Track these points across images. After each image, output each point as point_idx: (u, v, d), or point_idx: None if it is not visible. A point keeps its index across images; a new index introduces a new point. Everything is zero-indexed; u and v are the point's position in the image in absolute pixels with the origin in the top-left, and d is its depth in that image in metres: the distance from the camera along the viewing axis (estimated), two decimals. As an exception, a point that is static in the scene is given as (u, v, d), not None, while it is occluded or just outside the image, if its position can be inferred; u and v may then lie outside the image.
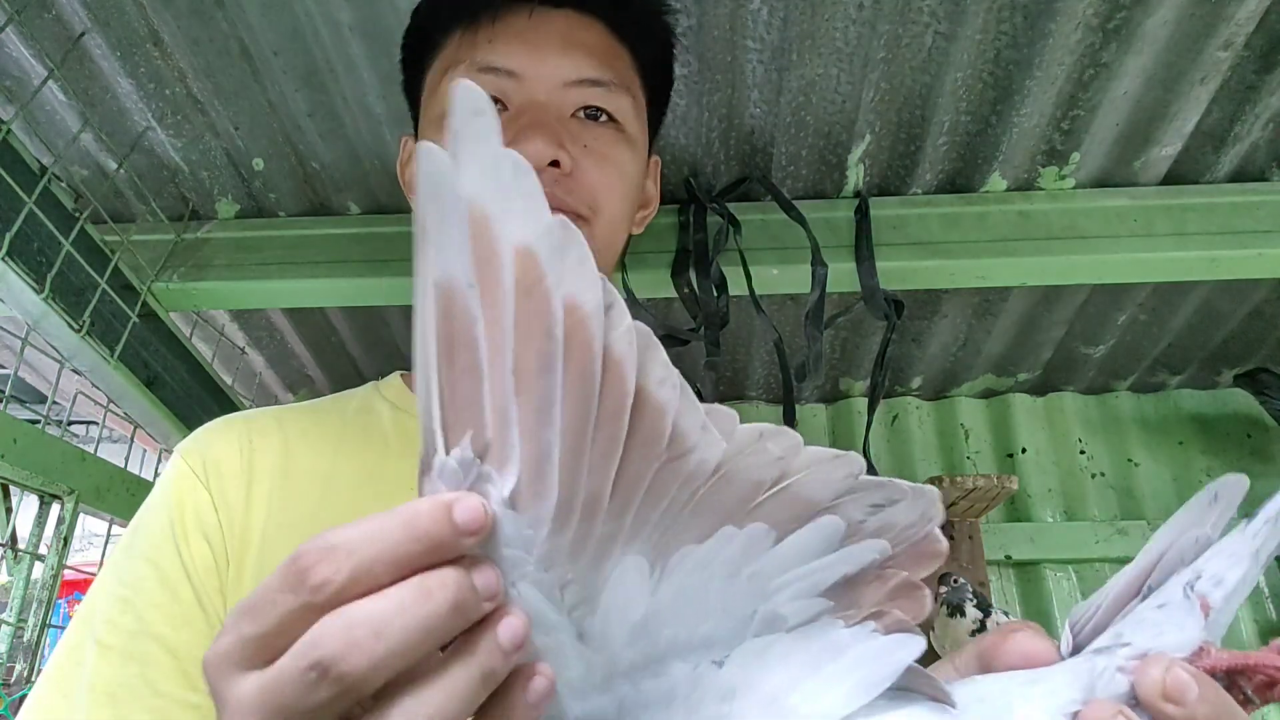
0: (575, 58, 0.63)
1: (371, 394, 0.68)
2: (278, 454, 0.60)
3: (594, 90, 0.64)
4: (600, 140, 0.64)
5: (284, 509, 0.57)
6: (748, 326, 1.36)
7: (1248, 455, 1.55)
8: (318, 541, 0.25)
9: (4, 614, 0.92)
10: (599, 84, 0.64)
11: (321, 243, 1.07)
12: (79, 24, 0.88)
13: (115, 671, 0.51)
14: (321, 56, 0.90)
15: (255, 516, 0.56)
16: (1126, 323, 1.35)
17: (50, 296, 0.84)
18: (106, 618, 0.53)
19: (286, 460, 0.60)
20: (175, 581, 0.54)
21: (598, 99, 0.64)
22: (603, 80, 0.64)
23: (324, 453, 0.60)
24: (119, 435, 1.22)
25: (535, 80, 0.62)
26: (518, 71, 0.62)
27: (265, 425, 0.62)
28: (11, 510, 0.97)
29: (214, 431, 0.62)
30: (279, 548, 0.55)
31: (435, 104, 0.65)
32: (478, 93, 0.25)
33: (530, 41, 0.63)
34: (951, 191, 1.08)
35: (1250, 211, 1.03)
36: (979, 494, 1.34)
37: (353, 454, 0.61)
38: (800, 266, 1.03)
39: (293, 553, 0.25)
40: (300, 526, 0.56)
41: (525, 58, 0.62)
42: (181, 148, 1.01)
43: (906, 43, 0.90)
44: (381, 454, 0.61)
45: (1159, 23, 0.86)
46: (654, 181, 0.74)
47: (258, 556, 0.55)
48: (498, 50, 0.63)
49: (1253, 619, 1.45)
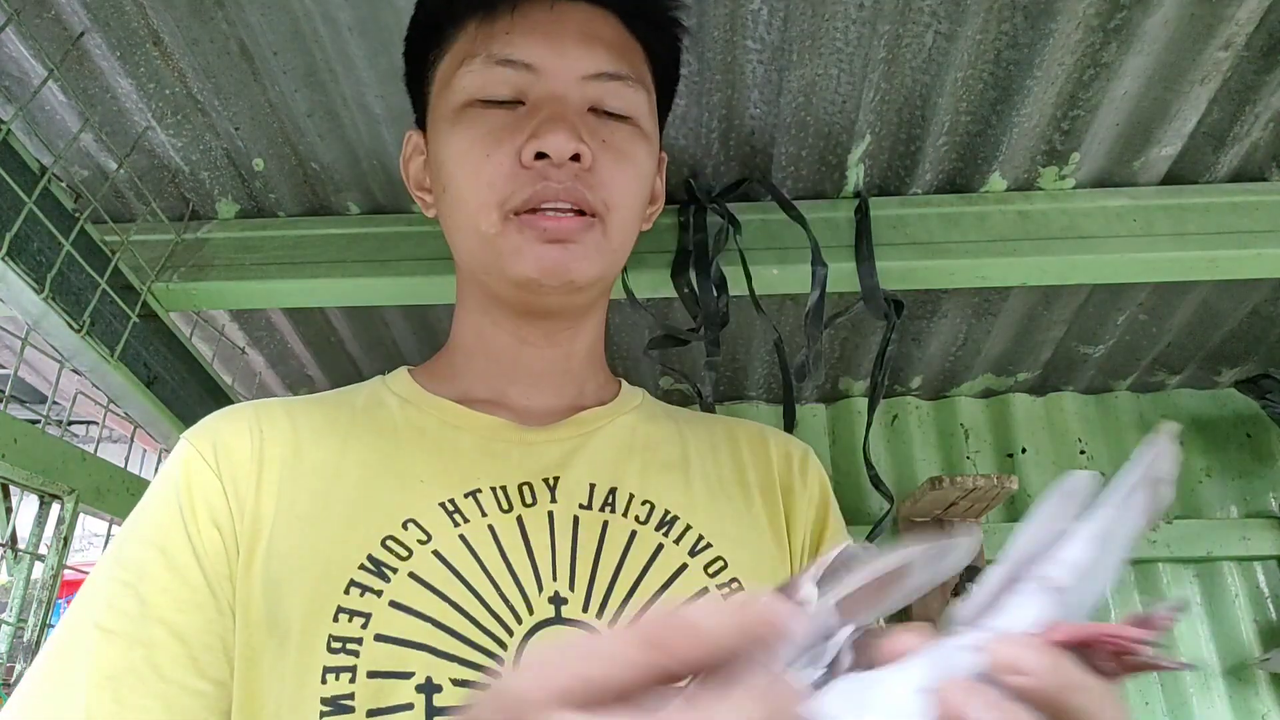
0: (594, 51, 0.63)
1: (379, 387, 0.68)
2: (288, 444, 0.60)
3: (612, 84, 0.63)
4: (617, 136, 0.63)
5: (293, 500, 0.57)
6: (748, 326, 1.36)
7: (1247, 455, 1.55)
8: (677, 618, 0.26)
9: (4, 614, 0.92)
10: (617, 78, 0.64)
11: (321, 243, 1.07)
12: (79, 24, 0.88)
13: (118, 655, 0.50)
14: (321, 56, 0.90)
15: (265, 505, 0.56)
16: (1126, 323, 1.35)
17: (50, 296, 0.84)
18: (108, 603, 0.52)
19: (297, 450, 0.59)
20: (184, 566, 0.54)
21: (615, 93, 0.64)
22: (621, 74, 0.64)
23: (333, 445, 0.60)
24: (119, 435, 1.22)
25: (554, 74, 0.62)
26: (536, 65, 0.62)
27: (274, 414, 0.62)
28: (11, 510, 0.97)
29: (224, 419, 0.61)
30: (288, 538, 0.55)
31: (449, 98, 0.64)
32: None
33: (549, 34, 0.62)
34: (951, 191, 1.08)
35: (1250, 211, 1.03)
36: (979, 494, 1.34)
37: (362, 446, 0.61)
38: (800, 266, 1.03)
39: (655, 619, 0.27)
40: (310, 518, 0.56)
41: (544, 51, 0.62)
42: (181, 148, 1.01)
43: (907, 43, 0.90)
44: (392, 445, 0.61)
45: (1159, 23, 0.86)
46: (661, 178, 0.74)
47: (267, 546, 0.55)
48: (516, 43, 0.62)
49: (1253, 619, 1.45)
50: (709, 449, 0.68)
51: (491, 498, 0.58)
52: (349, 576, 0.52)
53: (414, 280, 1.04)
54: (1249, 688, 1.42)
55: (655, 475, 0.63)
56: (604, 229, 0.62)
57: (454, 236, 0.65)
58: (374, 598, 0.52)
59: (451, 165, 0.63)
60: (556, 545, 0.56)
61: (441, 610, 0.52)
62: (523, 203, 0.60)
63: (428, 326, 1.30)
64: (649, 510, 0.60)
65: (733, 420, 0.73)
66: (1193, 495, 1.53)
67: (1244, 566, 1.48)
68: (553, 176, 0.59)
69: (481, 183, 0.61)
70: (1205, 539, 1.47)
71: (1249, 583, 1.48)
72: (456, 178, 0.62)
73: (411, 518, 0.56)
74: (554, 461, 0.62)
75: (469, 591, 0.53)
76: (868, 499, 1.50)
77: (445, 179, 0.64)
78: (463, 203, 0.62)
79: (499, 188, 0.60)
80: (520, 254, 0.60)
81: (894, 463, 1.56)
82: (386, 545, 0.54)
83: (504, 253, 0.60)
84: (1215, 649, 1.45)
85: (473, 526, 0.56)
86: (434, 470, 0.59)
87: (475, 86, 0.63)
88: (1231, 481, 1.54)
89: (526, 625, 0.53)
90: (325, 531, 0.55)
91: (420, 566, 0.53)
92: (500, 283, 0.63)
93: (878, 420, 1.56)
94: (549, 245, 0.59)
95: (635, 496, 0.61)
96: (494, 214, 0.60)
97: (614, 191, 0.62)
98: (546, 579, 0.55)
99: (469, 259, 0.65)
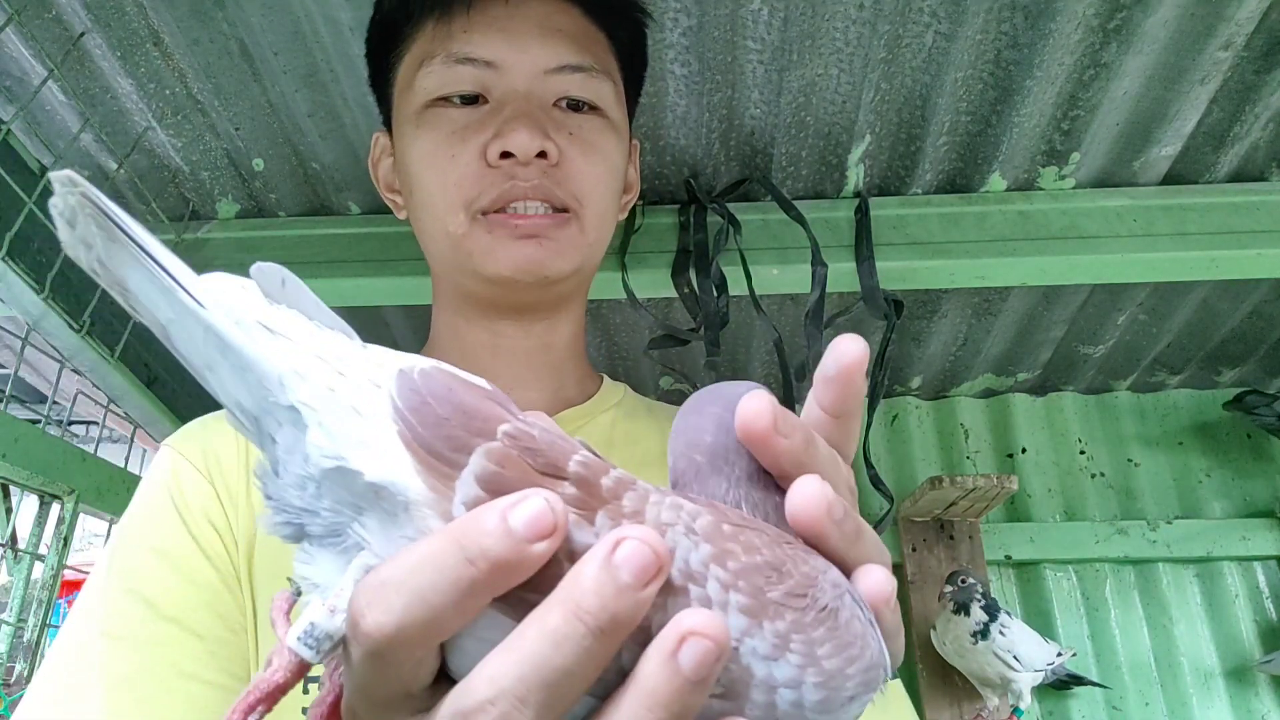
0: (554, 44, 0.62)
1: None
2: None
3: (575, 76, 0.63)
4: (585, 128, 0.63)
5: None
6: (748, 326, 1.36)
7: (1248, 455, 1.55)
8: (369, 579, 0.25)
9: (4, 614, 0.92)
10: (580, 70, 0.63)
11: (321, 243, 1.07)
12: (79, 24, 0.87)
13: (131, 658, 0.49)
14: (322, 56, 0.90)
15: (256, 508, 0.55)
16: (1126, 323, 1.35)
17: (50, 296, 0.84)
18: (112, 611, 0.51)
19: None
20: (192, 568, 0.53)
21: (579, 85, 0.63)
22: (584, 66, 0.63)
23: None
24: (119, 435, 1.22)
25: (515, 70, 0.61)
26: (496, 62, 0.61)
27: None
28: (11, 510, 0.96)
29: (207, 425, 0.61)
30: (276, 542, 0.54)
31: (411, 99, 0.63)
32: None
33: (508, 30, 0.62)
34: (951, 191, 1.08)
35: (1250, 211, 1.03)
36: (979, 494, 1.34)
37: None
38: (800, 266, 1.03)
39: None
40: None
41: (504, 47, 0.61)
42: (182, 148, 1.01)
43: (907, 43, 0.90)
44: None
45: (1159, 23, 0.86)
46: (634, 166, 0.74)
47: (260, 548, 0.54)
48: (474, 41, 0.61)
49: (1253, 619, 1.45)
50: None
51: None
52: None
53: (414, 280, 1.04)
54: (1249, 688, 1.42)
55: (636, 473, 0.62)
56: (580, 224, 0.61)
57: (424, 238, 0.65)
58: None
59: (417, 167, 0.62)
60: None
61: None
62: (490, 202, 0.59)
63: (428, 326, 1.30)
64: None
65: None
66: (1193, 495, 1.53)
67: (1244, 566, 1.48)
68: (520, 175, 0.59)
69: (448, 183, 0.60)
70: (1205, 539, 1.47)
71: (1249, 583, 1.48)
72: (423, 179, 0.62)
73: None
74: None
75: None
76: (868, 499, 1.50)
77: (411, 181, 0.63)
78: (430, 204, 0.61)
79: (466, 188, 0.60)
80: (492, 253, 0.59)
81: (894, 462, 1.56)
82: None
83: (474, 253, 0.60)
84: (1215, 650, 1.45)
85: None
86: None
87: (435, 86, 0.62)
88: (1231, 481, 1.54)
89: None
90: None
91: None
92: (473, 280, 0.62)
93: (878, 420, 1.56)
94: (522, 241, 0.59)
95: None
96: (461, 215, 0.60)
97: (584, 185, 0.62)
98: None
99: (440, 259, 0.65)
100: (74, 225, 0.25)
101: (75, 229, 0.25)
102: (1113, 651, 1.45)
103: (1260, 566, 1.49)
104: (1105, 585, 1.49)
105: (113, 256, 0.25)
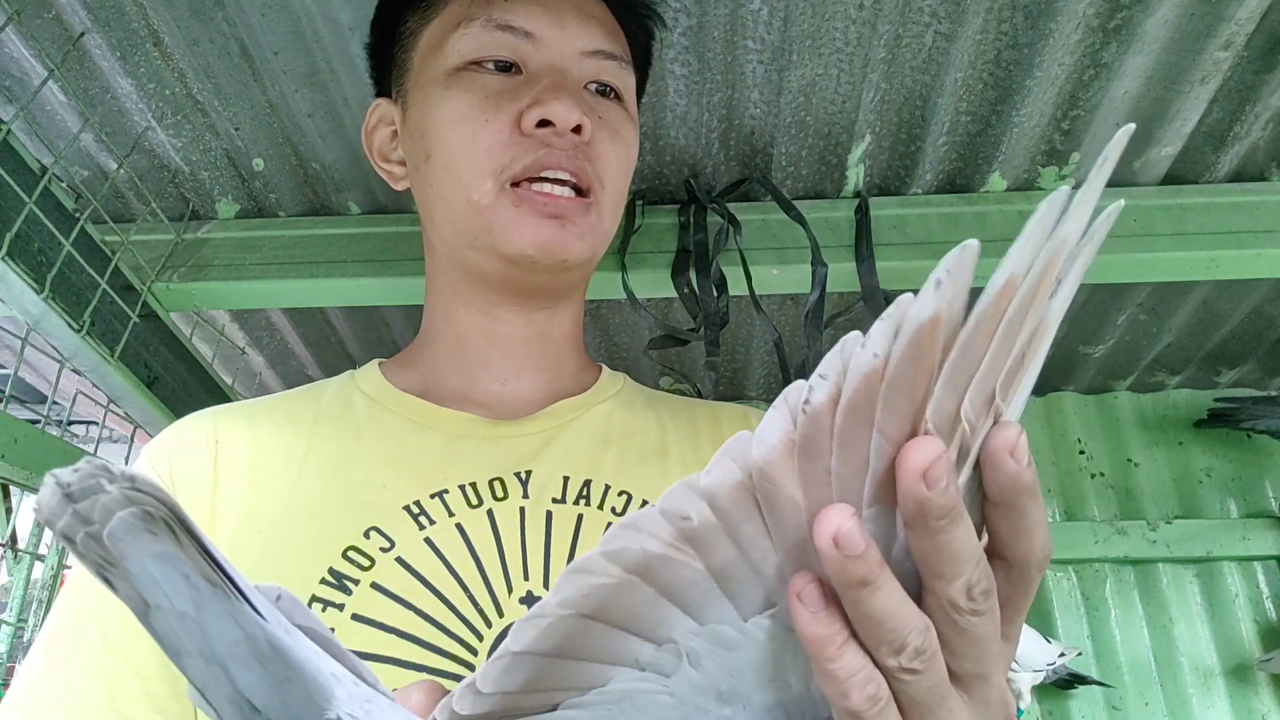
0: (592, 28, 0.63)
1: (347, 383, 0.66)
2: (245, 457, 0.57)
3: (609, 63, 0.63)
4: (611, 115, 0.63)
5: (252, 514, 0.55)
6: (748, 326, 1.36)
7: (1248, 455, 1.55)
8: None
9: (4, 614, 0.92)
10: (613, 58, 0.64)
11: (321, 243, 1.07)
12: (79, 24, 0.88)
13: (78, 687, 0.48)
14: (322, 56, 0.90)
15: (224, 523, 0.54)
16: (1126, 323, 1.35)
17: (50, 296, 0.84)
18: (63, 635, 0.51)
19: (254, 463, 0.57)
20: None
21: (611, 73, 0.63)
22: (615, 54, 0.64)
23: (294, 452, 0.58)
24: (119, 435, 1.22)
25: (553, 45, 0.62)
26: (536, 34, 0.61)
27: (234, 424, 0.60)
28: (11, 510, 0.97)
29: (179, 436, 0.60)
30: (247, 554, 0.53)
31: (440, 60, 0.62)
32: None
33: (549, 6, 0.62)
34: (951, 191, 1.08)
35: (1250, 211, 1.03)
36: (979, 494, 1.34)
37: (323, 452, 0.58)
38: (800, 266, 1.03)
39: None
40: (269, 532, 0.54)
41: (544, 21, 0.62)
42: (181, 148, 1.01)
43: (906, 43, 0.90)
44: (354, 449, 0.59)
45: (1159, 23, 0.86)
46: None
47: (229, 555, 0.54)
48: (516, 10, 0.61)
49: (1253, 619, 1.45)
50: (690, 435, 0.65)
51: (460, 496, 0.56)
52: (310, 592, 0.50)
53: (414, 280, 1.04)
54: (1249, 688, 1.42)
55: (633, 465, 0.61)
56: (599, 210, 0.61)
57: (435, 207, 0.62)
58: (336, 612, 0.49)
59: (443, 128, 0.60)
60: (528, 542, 0.54)
61: (406, 619, 0.50)
62: (523, 170, 0.58)
63: (428, 326, 1.30)
64: (626, 501, 0.57)
65: (717, 404, 0.70)
66: (1193, 495, 1.53)
67: (1244, 566, 1.48)
68: (555, 145, 0.58)
69: (479, 149, 0.59)
70: (1205, 539, 1.47)
71: (1249, 583, 1.48)
72: (449, 143, 0.60)
73: (374, 525, 0.53)
74: (526, 455, 0.59)
75: (435, 597, 0.51)
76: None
77: (431, 145, 0.61)
78: (455, 169, 0.60)
79: (498, 154, 0.58)
80: (516, 227, 0.58)
81: (894, 463, 1.56)
82: (348, 556, 0.52)
83: (496, 225, 0.58)
84: (1215, 649, 1.45)
85: (439, 528, 0.54)
86: (397, 473, 0.57)
87: (471, 49, 0.61)
88: (1231, 481, 1.54)
89: (497, 629, 0.50)
90: (285, 546, 0.53)
91: (383, 576, 0.51)
92: (486, 256, 0.61)
93: (878, 420, 1.56)
94: (546, 220, 0.58)
95: (611, 488, 0.58)
96: (489, 183, 0.58)
97: (608, 169, 0.61)
98: (517, 579, 0.52)
99: (452, 231, 0.62)
100: (74, 499, 0.21)
101: (76, 502, 0.21)
102: (1113, 651, 1.45)
103: (1260, 566, 1.48)
104: (1105, 585, 1.49)
105: (132, 545, 0.22)
